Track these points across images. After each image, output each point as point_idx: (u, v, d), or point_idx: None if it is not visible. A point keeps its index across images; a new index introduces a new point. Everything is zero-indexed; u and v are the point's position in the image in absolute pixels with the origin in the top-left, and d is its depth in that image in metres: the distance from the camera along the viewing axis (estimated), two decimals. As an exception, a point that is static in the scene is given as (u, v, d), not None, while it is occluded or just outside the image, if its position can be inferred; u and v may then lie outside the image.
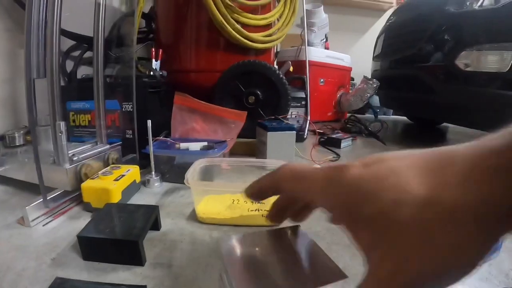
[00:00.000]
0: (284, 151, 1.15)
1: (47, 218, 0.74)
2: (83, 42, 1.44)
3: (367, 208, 0.25)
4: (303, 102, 1.99)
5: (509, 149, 0.21)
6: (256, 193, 0.37)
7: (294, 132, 1.19)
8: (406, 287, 0.22)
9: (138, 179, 0.92)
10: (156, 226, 0.69)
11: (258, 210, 0.73)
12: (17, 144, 1.09)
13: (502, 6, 1.34)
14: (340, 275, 0.32)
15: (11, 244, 0.63)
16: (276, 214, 0.41)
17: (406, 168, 0.25)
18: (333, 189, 0.28)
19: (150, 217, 0.65)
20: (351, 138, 1.74)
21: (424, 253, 0.22)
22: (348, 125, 2.11)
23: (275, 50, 2.17)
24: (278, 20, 1.63)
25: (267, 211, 0.66)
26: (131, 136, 1.12)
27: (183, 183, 0.72)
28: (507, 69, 1.29)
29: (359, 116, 2.31)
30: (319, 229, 0.72)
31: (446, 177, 0.23)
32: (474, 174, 0.22)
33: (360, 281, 0.25)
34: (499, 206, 0.20)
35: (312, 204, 0.36)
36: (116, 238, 0.57)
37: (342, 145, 1.61)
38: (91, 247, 0.58)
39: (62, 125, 0.78)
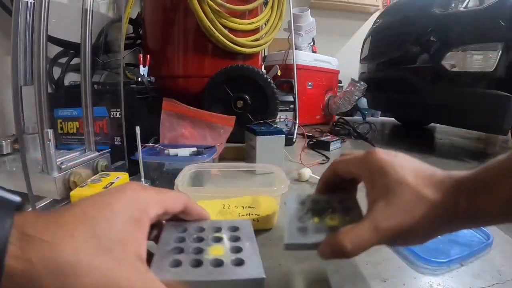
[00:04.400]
0: (273, 155, 1.15)
1: (36, 227, 0.73)
2: (70, 48, 1.43)
3: (384, 178, 0.40)
4: (291, 106, 1.99)
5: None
6: (322, 187, 0.52)
7: (283, 135, 1.18)
8: (390, 231, 0.37)
9: (127, 186, 0.90)
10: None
11: (249, 215, 0.73)
12: (5, 153, 1.08)
13: (486, 7, 1.37)
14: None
15: None
16: (321, 187, 0.52)
17: (407, 167, 0.40)
18: (366, 162, 0.43)
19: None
20: (340, 141, 1.74)
21: (405, 213, 0.37)
22: (336, 128, 2.13)
23: (263, 54, 2.18)
24: (265, 24, 1.64)
25: (258, 215, 0.66)
26: (119, 143, 1.11)
27: (173, 189, 0.72)
28: (492, 69, 1.31)
29: (347, 118, 2.32)
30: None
31: (424, 181, 0.39)
32: (441, 186, 0.38)
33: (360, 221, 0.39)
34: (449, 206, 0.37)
35: (350, 175, 0.47)
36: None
37: (331, 147, 1.61)
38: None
39: (50, 132, 0.78)
